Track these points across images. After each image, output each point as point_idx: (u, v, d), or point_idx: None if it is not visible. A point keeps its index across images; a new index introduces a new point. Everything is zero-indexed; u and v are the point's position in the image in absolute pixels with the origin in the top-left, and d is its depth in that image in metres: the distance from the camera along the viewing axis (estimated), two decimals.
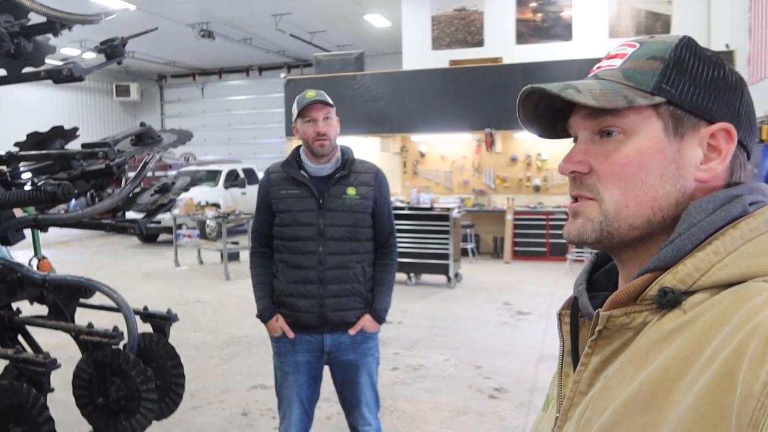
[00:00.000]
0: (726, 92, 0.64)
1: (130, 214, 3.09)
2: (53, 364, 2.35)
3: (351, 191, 2.30)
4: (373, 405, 2.43)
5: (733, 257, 0.57)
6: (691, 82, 0.63)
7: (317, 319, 2.29)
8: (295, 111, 2.30)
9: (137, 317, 2.77)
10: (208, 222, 10.97)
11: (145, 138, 2.64)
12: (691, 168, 0.63)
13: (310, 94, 2.28)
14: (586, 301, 0.69)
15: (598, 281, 0.74)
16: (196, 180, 2.86)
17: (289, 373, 2.36)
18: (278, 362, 2.41)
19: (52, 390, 2.50)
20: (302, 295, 2.29)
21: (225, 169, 13.48)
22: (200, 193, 11.69)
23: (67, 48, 13.15)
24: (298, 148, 2.39)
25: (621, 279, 0.70)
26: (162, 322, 2.87)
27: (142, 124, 2.67)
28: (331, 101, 2.30)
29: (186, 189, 2.76)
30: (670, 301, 0.58)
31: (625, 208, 0.64)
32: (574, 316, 0.72)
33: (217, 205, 11.45)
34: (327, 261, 2.27)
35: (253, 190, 13.73)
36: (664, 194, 0.63)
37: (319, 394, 2.49)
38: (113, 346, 2.53)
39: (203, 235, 11.05)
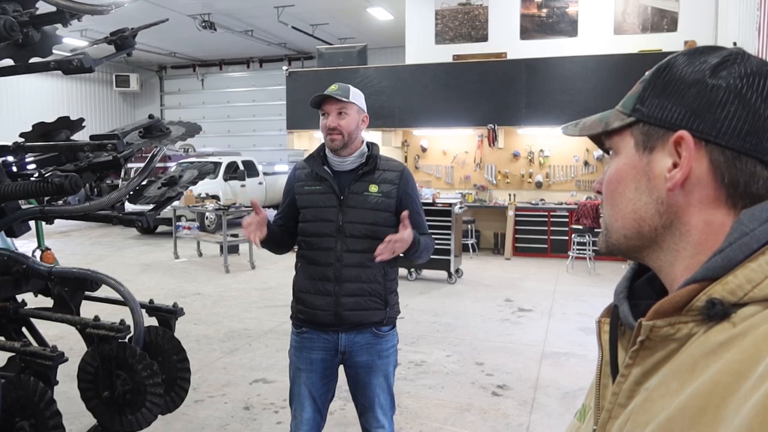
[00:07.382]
0: (702, 104, 0.61)
1: (129, 207, 3.06)
2: (60, 358, 2.33)
3: (373, 188, 2.24)
4: (387, 407, 2.36)
5: None
6: (662, 98, 0.64)
7: (333, 317, 2.23)
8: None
9: (143, 311, 2.75)
10: (207, 214, 10.93)
11: (153, 130, 2.61)
12: (661, 178, 0.63)
13: (332, 88, 2.24)
14: (627, 309, 0.67)
15: (640, 289, 0.72)
16: (203, 173, 2.83)
17: (302, 370, 2.31)
18: (294, 357, 2.35)
19: (57, 383, 2.49)
20: (318, 292, 2.23)
21: (225, 161, 13.44)
22: (200, 185, 11.63)
23: (68, 38, 13.04)
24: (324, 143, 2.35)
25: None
26: (168, 315, 2.85)
27: (150, 116, 2.64)
28: (347, 97, 2.24)
29: (194, 182, 2.74)
30: (718, 313, 0.56)
31: (614, 222, 0.68)
32: (613, 325, 0.70)
33: (216, 197, 11.40)
34: (344, 258, 2.21)
35: (252, 183, 13.75)
36: (642, 206, 0.65)
37: (334, 393, 2.43)
38: (119, 340, 2.51)
39: (203, 228, 11.02)
